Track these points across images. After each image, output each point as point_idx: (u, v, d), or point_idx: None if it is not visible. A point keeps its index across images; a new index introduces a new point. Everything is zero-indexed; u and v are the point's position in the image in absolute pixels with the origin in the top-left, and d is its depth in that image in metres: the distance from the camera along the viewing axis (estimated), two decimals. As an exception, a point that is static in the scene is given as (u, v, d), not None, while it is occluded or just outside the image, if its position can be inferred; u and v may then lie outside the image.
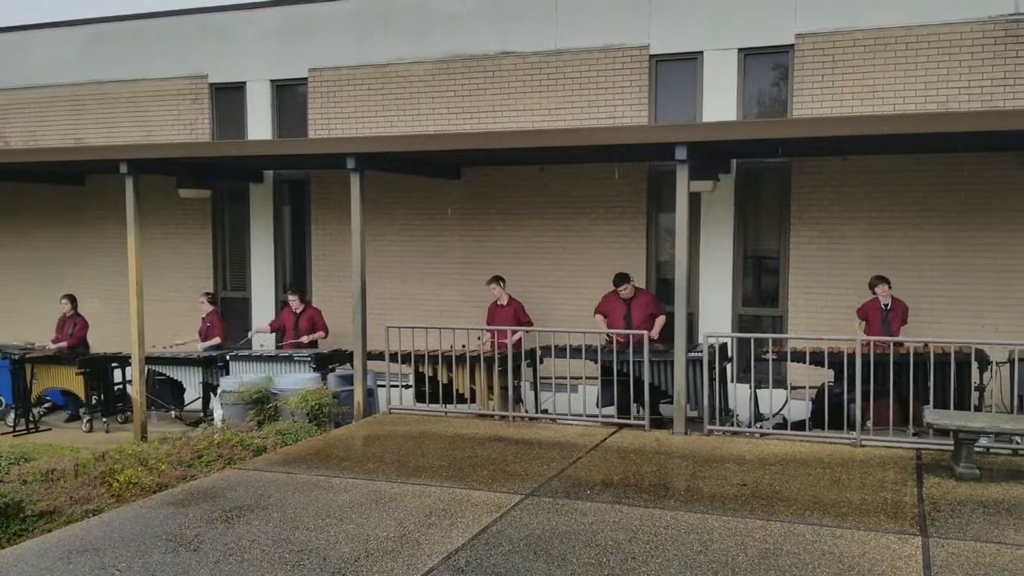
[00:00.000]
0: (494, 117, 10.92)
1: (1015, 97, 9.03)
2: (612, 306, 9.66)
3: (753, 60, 10.06)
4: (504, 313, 10.00)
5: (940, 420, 6.69)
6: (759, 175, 10.28)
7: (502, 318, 9.87)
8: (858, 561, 4.85)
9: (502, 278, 10.21)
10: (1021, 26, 8.99)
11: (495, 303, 10.20)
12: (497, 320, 9.91)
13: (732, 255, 10.27)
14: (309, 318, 10.96)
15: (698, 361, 8.36)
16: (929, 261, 9.41)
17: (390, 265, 11.52)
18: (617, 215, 10.58)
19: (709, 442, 7.76)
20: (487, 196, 11.10)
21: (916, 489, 6.22)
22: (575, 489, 6.27)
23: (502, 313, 10.02)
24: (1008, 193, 9.13)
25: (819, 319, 9.76)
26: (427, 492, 6.23)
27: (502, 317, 9.90)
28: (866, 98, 9.51)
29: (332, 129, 11.71)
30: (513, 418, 8.80)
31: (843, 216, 9.72)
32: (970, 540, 5.16)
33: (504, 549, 5.08)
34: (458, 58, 11.12)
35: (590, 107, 10.53)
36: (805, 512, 5.71)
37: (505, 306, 10.09)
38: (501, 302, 10.12)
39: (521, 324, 9.82)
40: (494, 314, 10.11)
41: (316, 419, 8.75)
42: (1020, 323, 8.92)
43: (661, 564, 4.84)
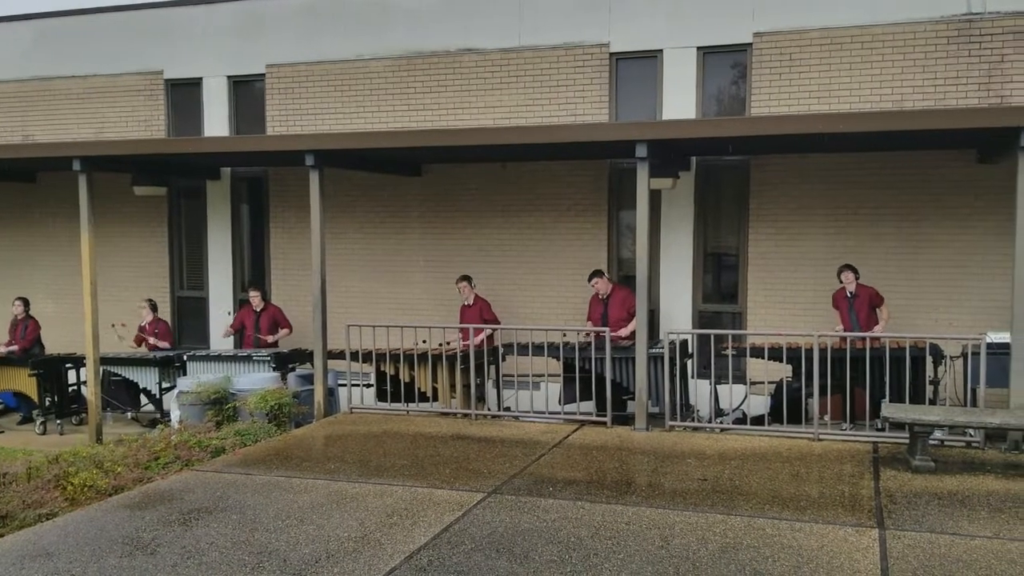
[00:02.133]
0: (455, 114, 10.89)
1: (967, 96, 9.20)
2: (593, 308, 9.66)
3: (712, 58, 10.14)
4: (471, 313, 9.97)
5: (896, 414, 6.80)
6: (719, 173, 10.36)
7: (469, 318, 9.84)
8: (816, 554, 4.91)
9: (470, 277, 10.18)
10: (973, 26, 9.16)
11: (464, 304, 10.15)
12: (465, 320, 9.86)
13: (692, 252, 10.34)
14: (270, 316, 10.84)
15: (659, 358, 8.41)
16: (885, 257, 9.55)
17: (351, 263, 11.43)
18: (579, 212, 10.60)
19: (670, 438, 7.81)
20: (449, 194, 11.06)
21: (873, 482, 6.32)
22: (538, 486, 6.27)
23: (469, 313, 9.98)
24: (961, 190, 9.30)
25: (777, 315, 9.87)
26: (389, 491, 6.19)
27: (469, 317, 9.87)
28: (823, 96, 9.63)
29: (291, 126, 11.59)
30: (476, 416, 8.79)
31: (801, 213, 9.84)
32: (925, 532, 5.25)
33: (467, 547, 5.06)
34: (419, 55, 11.06)
35: (551, 104, 10.54)
36: (765, 506, 5.77)
37: (471, 306, 10.05)
38: (467, 302, 10.09)
39: (486, 323, 9.80)
40: (463, 314, 10.07)
41: (276, 419, 8.66)
42: (973, 318, 9.09)
43: (623, 560, 4.85)
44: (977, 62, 9.16)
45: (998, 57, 9.10)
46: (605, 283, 9.52)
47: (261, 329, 10.73)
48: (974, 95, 9.17)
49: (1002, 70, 9.10)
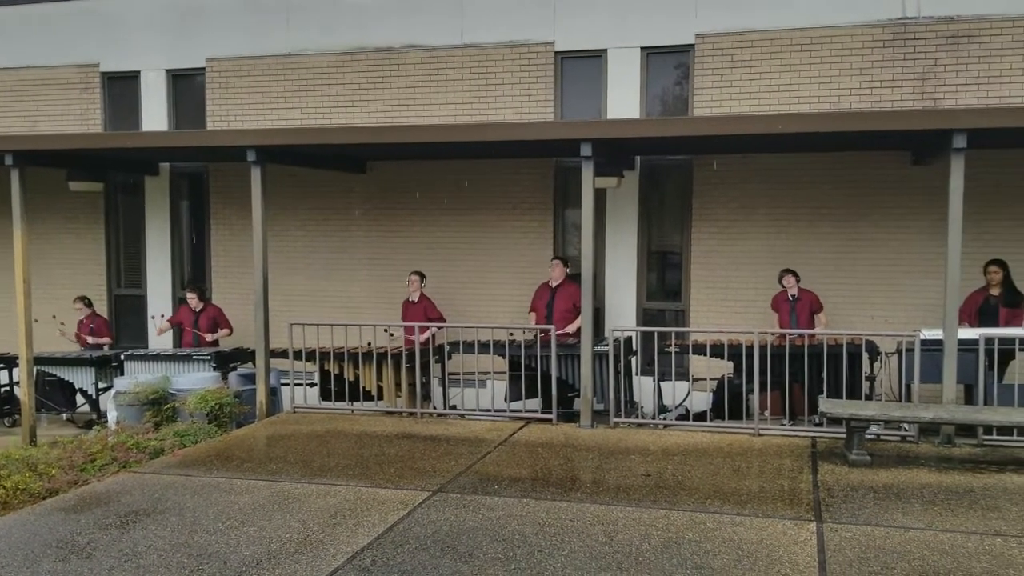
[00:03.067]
0: (400, 111, 10.82)
1: (902, 99, 9.44)
2: (540, 295, 9.65)
3: (655, 58, 10.23)
4: (415, 310, 9.91)
5: (833, 409, 6.95)
6: (662, 172, 10.47)
7: (413, 315, 9.78)
8: (756, 547, 4.99)
9: (423, 274, 10.12)
10: (907, 30, 9.40)
11: (407, 299, 10.09)
12: (408, 317, 9.81)
13: (637, 250, 10.44)
14: (210, 317, 10.64)
15: (604, 355, 8.47)
16: (823, 256, 9.75)
17: (294, 261, 11.29)
18: (525, 211, 10.63)
19: (615, 434, 7.87)
20: (394, 191, 10.99)
21: (811, 476, 6.45)
22: (483, 484, 6.27)
23: (413, 310, 9.93)
24: (897, 190, 9.54)
25: (720, 313, 10.02)
26: (333, 492, 6.13)
27: (413, 314, 9.81)
28: (763, 97, 9.79)
29: (232, 121, 11.40)
30: (421, 415, 8.75)
31: (742, 212, 10.00)
32: (862, 524, 5.37)
33: (411, 547, 5.04)
34: (363, 50, 10.96)
35: (497, 102, 10.53)
36: (706, 501, 5.85)
37: (416, 303, 10.00)
38: (412, 298, 10.03)
39: (431, 321, 9.76)
40: (406, 310, 10.01)
41: (217, 420, 8.52)
42: (908, 315, 9.33)
43: (567, 556, 4.87)
44: (912, 65, 9.41)
45: (931, 61, 9.35)
46: (562, 271, 9.54)
47: (200, 329, 10.53)
48: (909, 98, 9.42)
49: (935, 74, 9.35)
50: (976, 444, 7.28)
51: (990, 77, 9.22)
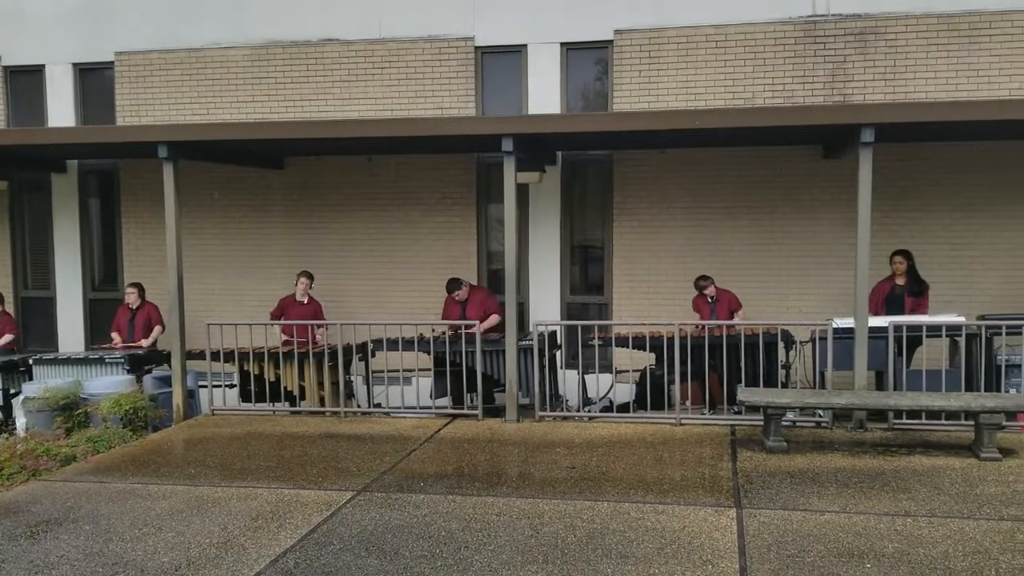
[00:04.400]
0: (318, 106, 10.65)
1: (813, 94, 9.71)
2: (451, 310, 9.63)
3: (575, 54, 10.30)
4: (304, 311, 9.75)
5: (751, 397, 7.11)
6: (584, 167, 10.55)
7: (301, 316, 9.61)
8: (679, 535, 5.07)
9: (311, 274, 9.96)
10: (818, 27, 9.67)
11: (292, 297, 9.90)
12: (294, 316, 9.62)
13: (560, 245, 10.50)
14: (146, 315, 10.25)
15: (529, 349, 8.50)
16: (740, 248, 9.97)
17: (211, 259, 11.02)
18: (447, 206, 10.58)
19: (540, 428, 7.91)
20: (313, 187, 10.82)
21: (731, 463, 6.59)
22: (409, 482, 6.23)
23: (302, 311, 9.74)
24: (809, 184, 9.81)
25: (641, 305, 10.15)
26: (254, 494, 6.01)
27: (301, 315, 9.64)
28: (680, 94, 9.95)
29: (143, 117, 11.05)
30: (345, 414, 8.65)
31: (662, 207, 10.15)
32: (779, 509, 5.52)
33: (335, 547, 4.97)
34: (278, 44, 10.75)
35: (417, 97, 10.46)
36: (630, 491, 5.93)
37: (306, 304, 9.83)
38: (302, 299, 9.85)
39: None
40: (293, 310, 9.79)
41: (132, 424, 8.25)
42: (821, 304, 9.61)
43: (493, 551, 4.88)
44: (822, 62, 9.68)
45: (840, 57, 9.64)
46: (465, 291, 9.54)
47: (136, 327, 10.16)
48: (819, 93, 9.69)
49: (844, 70, 9.64)
50: (887, 428, 7.54)
51: (896, 73, 9.55)
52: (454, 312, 9.52)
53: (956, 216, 9.55)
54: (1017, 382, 7.95)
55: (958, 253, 9.55)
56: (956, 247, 9.55)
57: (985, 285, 9.47)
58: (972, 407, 6.71)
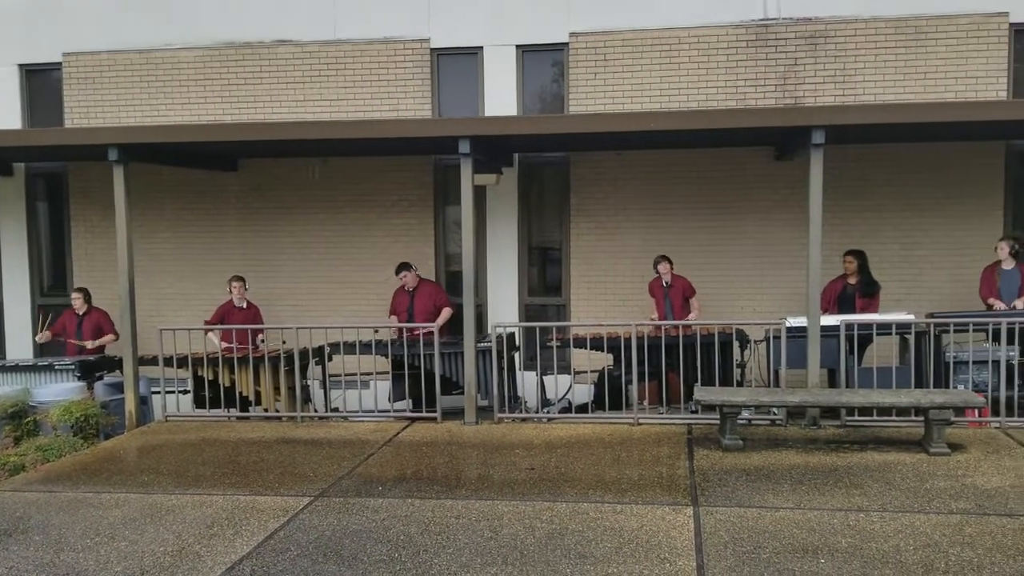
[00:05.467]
0: (272, 107, 10.55)
1: (766, 97, 9.85)
2: (399, 300, 9.62)
3: (531, 56, 10.33)
4: (244, 316, 9.65)
5: (707, 396, 7.18)
6: (541, 169, 10.58)
7: (240, 321, 9.51)
8: (637, 534, 5.11)
9: (244, 278, 9.84)
10: (769, 30, 9.81)
11: (230, 303, 9.78)
12: (235, 322, 9.51)
13: (517, 247, 10.51)
14: (94, 322, 10.02)
15: (487, 351, 8.50)
16: (696, 249, 10.07)
17: (164, 263, 10.85)
18: (404, 208, 10.54)
19: (499, 430, 7.92)
20: (268, 189, 10.71)
21: (688, 462, 6.65)
22: (367, 486, 6.19)
23: (241, 316, 9.64)
24: (763, 185, 9.94)
25: (599, 306, 10.21)
26: (209, 502, 5.93)
27: (240, 320, 9.54)
28: (635, 96, 10.03)
29: (92, 118, 10.85)
30: (302, 419, 8.57)
31: (618, 208, 10.22)
32: (735, 506, 5.58)
33: (292, 554, 4.92)
34: (231, 45, 10.62)
35: (373, 99, 10.41)
36: (589, 491, 5.95)
37: (246, 308, 9.73)
38: (240, 304, 9.74)
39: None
40: (232, 316, 9.68)
41: (83, 432, 8.10)
42: (775, 304, 9.75)
43: (452, 554, 4.87)
44: (774, 65, 9.82)
45: (791, 60, 9.79)
46: (413, 277, 9.52)
47: (84, 335, 9.95)
48: (771, 95, 9.83)
49: (795, 73, 9.79)
50: (840, 425, 7.67)
51: (846, 76, 9.72)
52: (402, 302, 9.49)
53: (906, 216, 9.75)
54: (965, 378, 8.13)
55: (907, 252, 9.75)
56: (905, 246, 9.75)
57: (934, 284, 9.68)
58: (922, 403, 6.85)
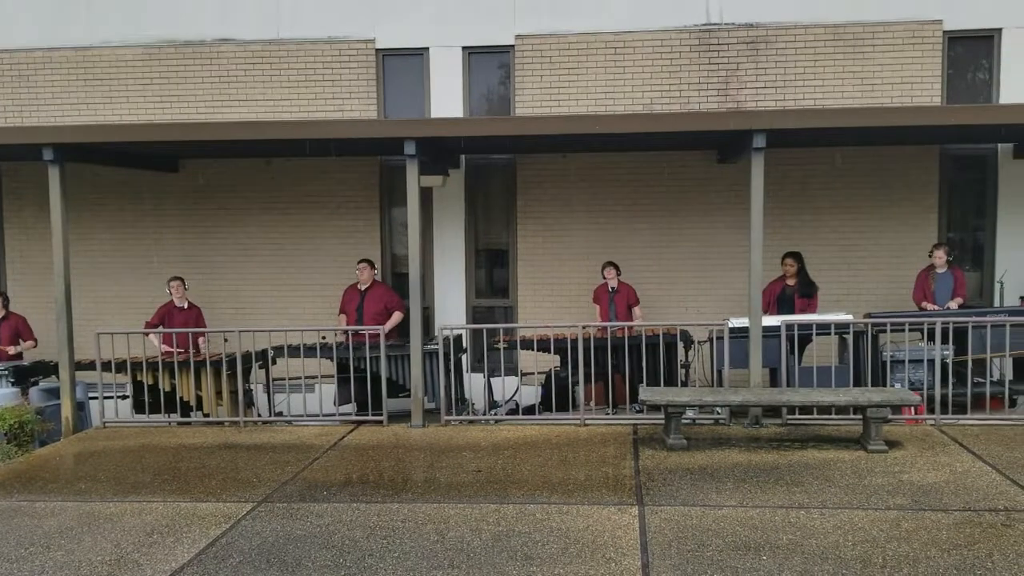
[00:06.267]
0: (214, 107, 10.38)
1: (708, 101, 9.99)
2: (349, 298, 9.52)
3: (477, 58, 10.33)
4: (185, 316, 9.50)
5: (652, 397, 7.25)
6: (487, 171, 10.58)
7: (182, 322, 9.37)
8: (583, 534, 5.13)
9: (183, 278, 9.68)
10: (712, 35, 9.96)
11: (171, 303, 9.62)
12: (177, 323, 9.38)
13: (464, 249, 10.50)
14: (12, 327, 9.74)
15: (434, 353, 8.46)
16: (640, 251, 10.17)
17: (102, 266, 10.61)
18: (350, 210, 10.46)
19: (446, 432, 7.89)
20: (210, 190, 10.53)
21: (633, 462, 6.71)
22: (311, 491, 6.12)
23: (184, 316, 9.50)
24: (704, 187, 10.08)
25: (546, 308, 10.25)
26: (149, 509, 5.80)
27: (182, 321, 9.40)
28: (581, 99, 10.09)
29: (27, 117, 10.56)
30: (245, 423, 8.44)
31: (564, 210, 10.27)
32: (679, 505, 5.64)
33: (234, 561, 4.84)
34: (172, 43, 10.43)
35: (317, 99, 10.31)
36: (535, 492, 5.96)
37: (187, 309, 9.58)
38: (181, 304, 9.59)
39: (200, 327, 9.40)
40: (173, 317, 9.52)
41: (17, 439, 7.87)
42: (718, 305, 9.89)
43: (398, 558, 4.84)
44: (716, 69, 9.97)
45: (734, 65, 9.94)
46: (370, 273, 9.45)
47: (2, 340, 9.65)
48: (714, 100, 9.97)
49: (737, 77, 9.95)
50: (781, 424, 7.81)
51: (786, 81, 9.91)
52: (352, 301, 9.41)
53: (844, 218, 9.97)
54: (901, 377, 8.34)
55: (846, 254, 9.97)
56: (844, 248, 9.97)
57: (871, 284, 9.91)
58: (860, 402, 7.00)
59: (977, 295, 9.88)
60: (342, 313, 9.56)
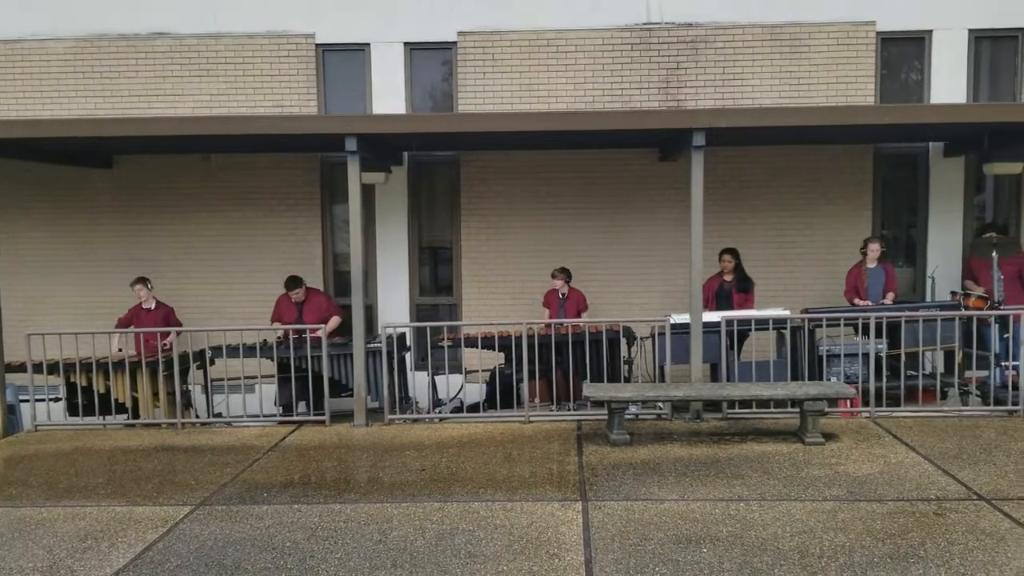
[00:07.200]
0: (149, 102, 10.14)
1: (649, 99, 10.07)
2: (284, 309, 9.39)
3: (419, 54, 10.27)
4: (152, 317, 9.32)
5: (595, 393, 7.29)
6: (431, 168, 10.53)
7: (150, 323, 9.18)
8: (527, 531, 5.14)
9: (149, 280, 9.49)
10: (653, 34, 10.05)
11: (139, 305, 9.43)
12: (145, 324, 9.18)
13: (408, 246, 10.43)
14: None
15: (377, 352, 8.40)
16: (584, 248, 10.23)
17: (33, 265, 10.29)
18: (291, 206, 10.32)
19: (390, 431, 7.83)
20: (145, 187, 10.29)
21: (577, 458, 6.74)
22: (251, 493, 6.02)
23: (150, 317, 9.31)
24: (647, 185, 10.17)
25: (490, 305, 10.24)
26: (83, 514, 5.65)
27: (150, 322, 9.21)
28: (524, 96, 10.10)
29: (-48, 111, 10.20)
30: (183, 425, 8.27)
31: (508, 208, 10.26)
32: (622, 500, 5.68)
33: (172, 565, 4.74)
34: (104, 37, 10.16)
35: (256, 94, 10.14)
36: (480, 490, 5.96)
37: (153, 310, 9.39)
38: (147, 305, 9.40)
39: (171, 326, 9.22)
40: (141, 318, 9.34)
41: (-58, 445, 7.59)
42: (660, 301, 9.99)
43: (340, 559, 4.79)
44: (657, 68, 10.06)
45: (674, 64, 10.05)
46: (302, 292, 9.34)
47: None
48: (655, 98, 10.07)
49: (678, 76, 10.06)
50: (722, 418, 7.92)
51: (725, 80, 10.05)
52: (290, 313, 9.29)
53: (782, 216, 10.15)
54: (837, 371, 8.53)
55: (783, 251, 10.15)
56: (781, 245, 10.15)
57: (808, 280, 10.11)
58: (797, 395, 7.14)
59: (910, 291, 10.15)
60: (276, 323, 9.40)
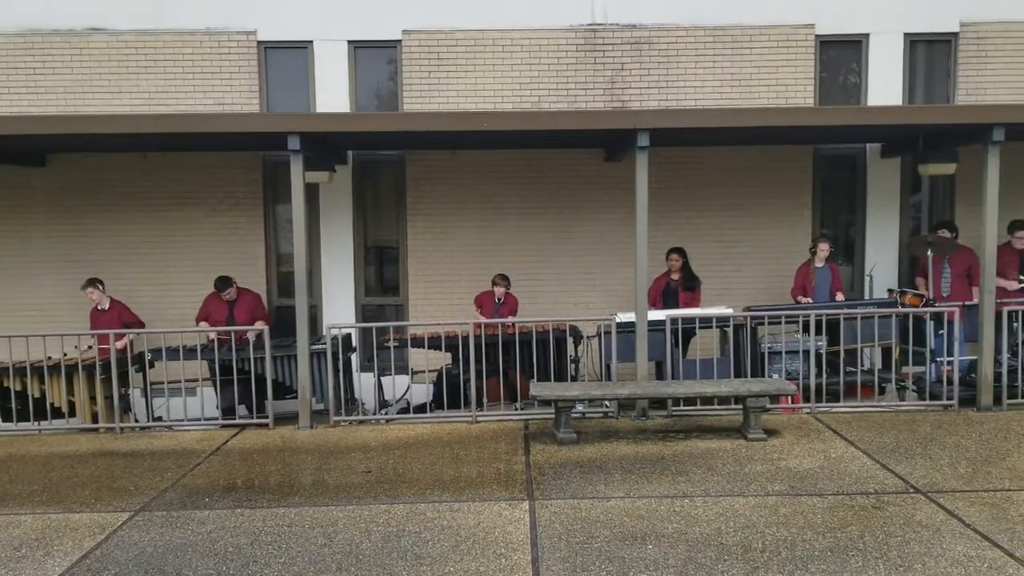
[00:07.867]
0: (84, 99, 9.88)
1: (595, 100, 10.13)
2: (214, 307, 9.23)
3: (363, 53, 10.18)
4: (107, 317, 9.10)
5: (542, 392, 7.31)
6: (376, 167, 10.44)
7: (106, 323, 8.97)
8: (474, 531, 5.12)
9: (100, 280, 9.27)
10: (597, 35, 10.10)
11: (95, 308, 9.22)
12: (100, 325, 8.98)
13: (353, 246, 10.33)
14: None
15: (322, 353, 8.30)
16: (531, 248, 10.24)
17: (-38, 267, 9.96)
18: (232, 206, 10.14)
19: (335, 433, 7.75)
20: (81, 186, 10.02)
21: (524, 457, 6.75)
22: (192, 498, 5.90)
23: (105, 317, 9.11)
24: (594, 186, 10.22)
25: (437, 306, 10.19)
26: (16, 522, 5.48)
27: (105, 322, 9.00)
28: (469, 96, 10.07)
29: None
30: (122, 429, 8.08)
31: (454, 207, 10.23)
32: (569, 498, 5.70)
33: (110, 573, 4.62)
34: (37, 32, 9.87)
35: (196, 92, 9.94)
36: (426, 491, 5.92)
37: (107, 310, 9.18)
38: (102, 306, 9.19)
39: (128, 327, 9.02)
40: (96, 319, 9.15)
41: None
42: (606, 300, 10.05)
43: (284, 563, 4.71)
44: (602, 69, 10.12)
45: (619, 65, 10.11)
46: (234, 291, 9.21)
47: None
48: (600, 99, 10.12)
49: (622, 77, 10.13)
50: (667, 415, 8.00)
51: (669, 81, 10.14)
52: (219, 311, 9.14)
53: (727, 215, 10.28)
54: (779, 368, 8.67)
55: (728, 250, 10.28)
56: (726, 244, 10.29)
57: (751, 278, 10.26)
58: (740, 392, 7.24)
59: (849, 288, 10.36)
60: (203, 322, 9.23)
